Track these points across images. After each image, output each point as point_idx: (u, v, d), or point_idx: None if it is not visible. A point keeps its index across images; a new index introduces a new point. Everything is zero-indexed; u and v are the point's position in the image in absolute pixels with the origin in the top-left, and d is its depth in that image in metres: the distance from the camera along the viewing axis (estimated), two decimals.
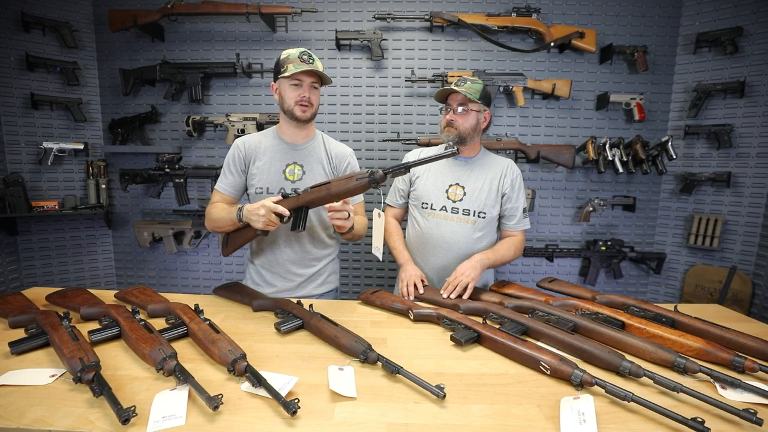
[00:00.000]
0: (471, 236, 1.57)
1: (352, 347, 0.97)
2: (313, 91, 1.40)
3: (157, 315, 1.19)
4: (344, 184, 1.20)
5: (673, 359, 0.93)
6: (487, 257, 1.50)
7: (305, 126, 1.47)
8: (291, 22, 2.44)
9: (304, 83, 1.37)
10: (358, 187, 1.19)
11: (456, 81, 1.53)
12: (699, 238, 2.44)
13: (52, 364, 0.92)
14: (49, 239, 2.53)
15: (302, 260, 1.50)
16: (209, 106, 2.54)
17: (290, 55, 1.35)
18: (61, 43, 2.40)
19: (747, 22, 2.26)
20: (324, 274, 1.57)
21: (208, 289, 2.62)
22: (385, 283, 2.62)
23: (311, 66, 1.34)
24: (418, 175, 1.64)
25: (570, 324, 1.11)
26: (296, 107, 1.38)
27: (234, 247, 1.43)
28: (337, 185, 1.21)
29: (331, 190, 1.21)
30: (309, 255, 1.51)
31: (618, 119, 2.52)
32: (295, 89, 1.38)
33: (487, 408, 0.80)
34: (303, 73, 1.35)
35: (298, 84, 1.37)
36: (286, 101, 1.40)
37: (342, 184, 1.21)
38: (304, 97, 1.37)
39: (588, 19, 2.43)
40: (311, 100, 1.39)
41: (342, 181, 1.21)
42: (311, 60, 1.35)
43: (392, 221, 1.73)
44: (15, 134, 2.38)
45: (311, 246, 1.51)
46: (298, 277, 1.51)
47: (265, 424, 0.74)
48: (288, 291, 1.51)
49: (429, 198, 1.61)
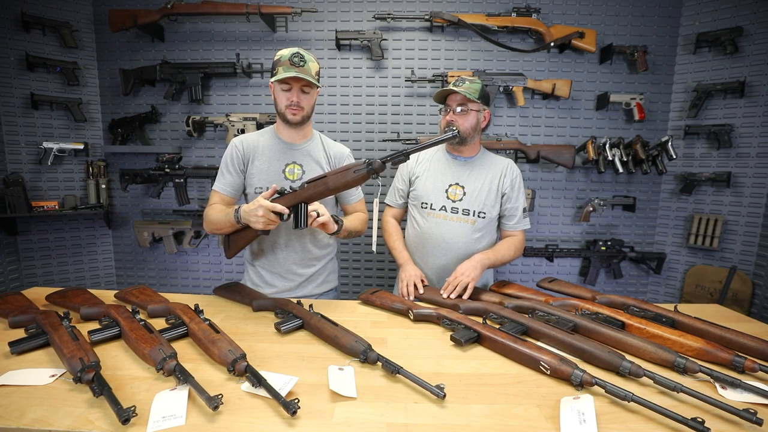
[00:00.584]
0: (471, 236, 1.57)
1: (352, 347, 0.97)
2: (304, 95, 1.37)
3: (157, 315, 1.19)
4: (342, 177, 1.18)
5: (673, 359, 0.93)
6: (487, 257, 1.50)
7: (300, 128, 1.46)
8: (291, 22, 2.44)
9: (294, 87, 1.35)
10: (357, 179, 1.17)
11: (454, 81, 1.53)
12: (699, 238, 2.44)
13: (52, 364, 0.92)
14: (49, 239, 2.53)
15: (303, 260, 1.50)
16: (209, 106, 2.54)
17: (282, 57, 1.34)
18: (61, 43, 2.40)
19: (747, 22, 2.26)
20: (324, 274, 1.57)
21: (208, 289, 2.62)
22: (385, 283, 2.61)
23: (299, 71, 1.30)
24: (418, 174, 1.64)
25: (570, 324, 1.11)
26: (286, 111, 1.38)
27: (236, 248, 1.43)
28: (334, 179, 1.19)
29: (329, 184, 1.19)
30: (309, 254, 1.51)
31: (618, 119, 2.52)
32: (285, 93, 1.37)
33: (487, 408, 0.80)
34: (292, 78, 1.33)
35: (288, 89, 1.36)
36: (278, 104, 1.40)
37: (340, 177, 1.18)
38: (292, 101, 1.36)
39: (588, 19, 2.43)
40: (301, 104, 1.37)
41: (339, 174, 1.19)
42: (302, 62, 1.32)
43: (391, 221, 1.73)
44: (15, 134, 2.38)
45: (312, 245, 1.51)
46: (298, 277, 1.51)
47: (265, 424, 0.74)
48: (288, 291, 1.51)
49: (429, 198, 1.60)
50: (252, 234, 1.34)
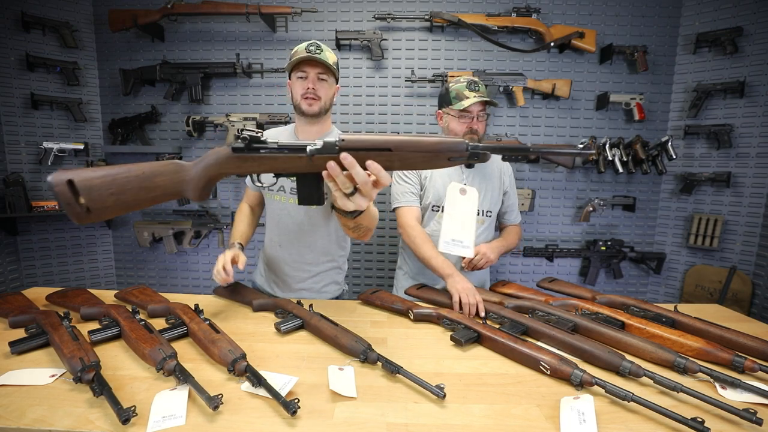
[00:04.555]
0: (478, 235, 1.58)
1: (352, 347, 0.97)
2: (321, 83, 1.30)
3: (157, 315, 1.19)
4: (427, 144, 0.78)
5: (673, 359, 0.93)
6: (501, 244, 1.59)
7: (316, 121, 1.36)
8: (291, 22, 2.44)
9: (310, 75, 1.29)
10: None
11: (468, 84, 1.50)
12: (699, 238, 2.44)
13: (52, 364, 0.92)
14: (49, 239, 2.53)
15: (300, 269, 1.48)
16: (209, 106, 2.54)
17: (298, 48, 1.30)
18: (61, 43, 2.40)
19: (747, 22, 2.26)
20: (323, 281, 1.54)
21: (208, 289, 2.62)
22: (385, 283, 2.61)
23: (315, 56, 1.24)
24: (427, 176, 1.64)
25: (570, 324, 1.11)
26: (302, 101, 1.31)
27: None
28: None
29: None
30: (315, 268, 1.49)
31: (618, 119, 2.52)
32: (301, 82, 1.30)
33: (487, 408, 0.80)
34: (308, 65, 1.27)
35: (303, 76, 1.30)
36: (294, 96, 1.34)
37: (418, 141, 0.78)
38: (308, 89, 1.29)
39: (588, 19, 2.43)
40: (318, 92, 1.30)
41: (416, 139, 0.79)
42: (319, 50, 1.27)
43: (417, 227, 1.54)
44: (15, 134, 2.38)
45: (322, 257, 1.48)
46: (307, 292, 1.50)
47: (265, 424, 0.74)
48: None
49: (440, 200, 1.60)
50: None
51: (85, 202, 0.79)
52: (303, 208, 1.39)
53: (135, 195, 0.82)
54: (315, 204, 0.88)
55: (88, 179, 0.80)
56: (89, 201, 0.79)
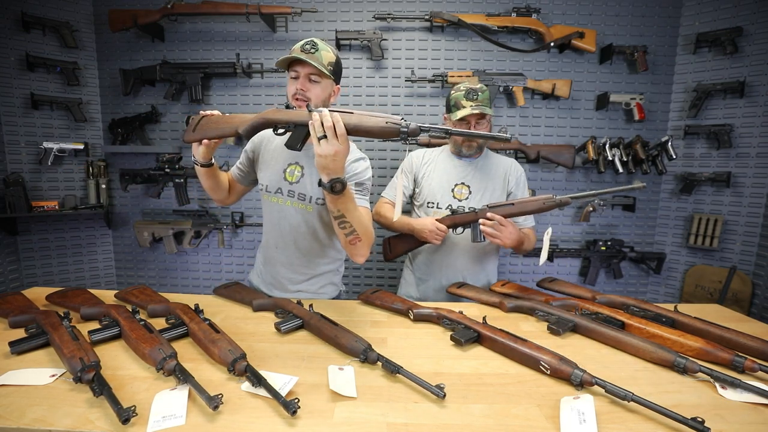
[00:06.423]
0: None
1: (352, 347, 0.97)
2: (313, 84, 1.27)
3: (157, 315, 1.19)
4: (366, 120, 1.00)
5: (673, 359, 0.93)
6: (522, 233, 1.56)
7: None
8: (291, 22, 2.44)
9: (301, 75, 1.26)
10: (384, 131, 0.99)
11: (466, 93, 1.51)
12: (699, 238, 2.44)
13: (52, 364, 0.92)
14: (49, 239, 2.53)
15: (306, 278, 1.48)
16: (209, 106, 2.54)
17: (295, 46, 1.28)
18: (61, 43, 2.40)
19: (747, 22, 2.26)
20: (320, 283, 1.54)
21: (208, 289, 2.62)
22: (385, 283, 2.61)
23: (306, 56, 1.22)
24: (424, 174, 1.65)
25: (570, 324, 1.11)
26: (292, 101, 1.27)
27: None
28: (358, 118, 1.01)
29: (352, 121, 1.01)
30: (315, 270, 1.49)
31: (618, 119, 2.52)
32: (293, 82, 1.28)
33: (487, 408, 0.80)
34: (299, 65, 1.25)
35: (295, 76, 1.27)
36: (288, 95, 1.32)
37: (363, 120, 1.00)
38: (297, 90, 1.26)
39: (588, 19, 2.43)
40: (307, 93, 1.26)
41: (364, 116, 1.01)
42: (313, 50, 1.24)
43: (384, 206, 1.72)
44: (15, 134, 2.38)
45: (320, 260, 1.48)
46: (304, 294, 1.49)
47: (265, 424, 0.74)
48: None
49: (435, 197, 1.61)
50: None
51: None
52: (300, 212, 1.39)
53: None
54: (295, 149, 1.10)
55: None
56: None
